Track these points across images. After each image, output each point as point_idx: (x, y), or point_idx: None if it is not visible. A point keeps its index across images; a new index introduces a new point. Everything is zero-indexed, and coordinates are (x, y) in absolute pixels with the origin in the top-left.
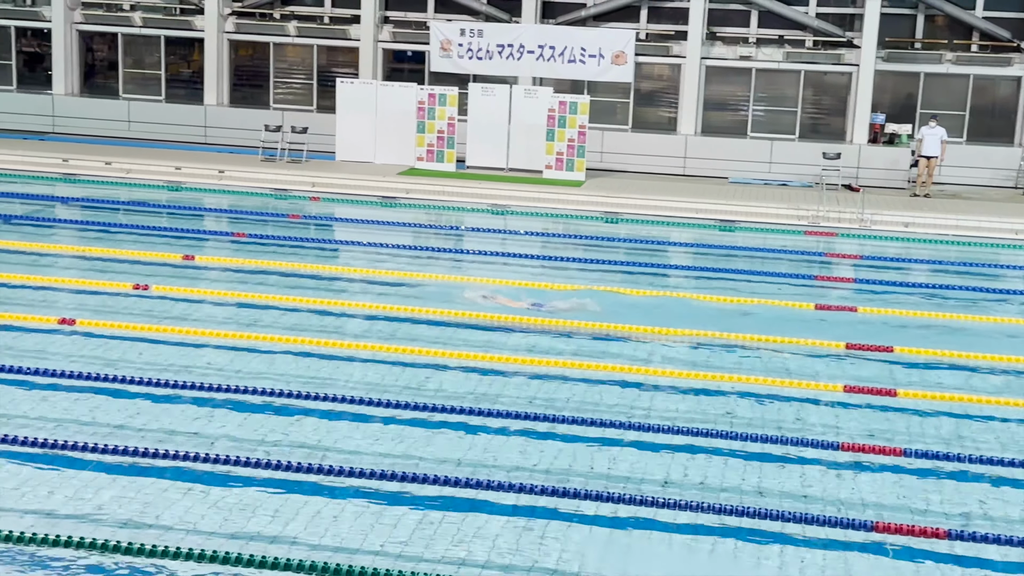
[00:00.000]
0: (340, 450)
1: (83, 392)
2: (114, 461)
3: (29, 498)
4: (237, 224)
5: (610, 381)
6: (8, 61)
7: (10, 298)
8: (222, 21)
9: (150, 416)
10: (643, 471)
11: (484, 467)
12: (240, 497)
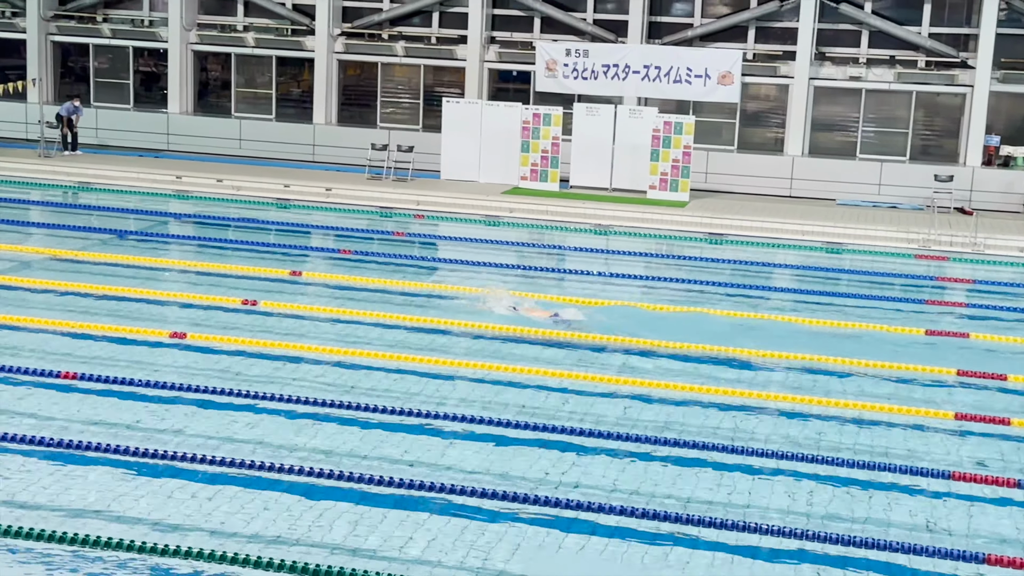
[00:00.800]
0: (445, 467)
1: (192, 404)
2: (222, 472)
3: (143, 507)
4: (343, 241)
5: (714, 404)
6: (126, 80)
7: (124, 311)
8: (332, 42)
9: (259, 429)
10: (748, 498)
11: (593, 489)
12: (349, 512)
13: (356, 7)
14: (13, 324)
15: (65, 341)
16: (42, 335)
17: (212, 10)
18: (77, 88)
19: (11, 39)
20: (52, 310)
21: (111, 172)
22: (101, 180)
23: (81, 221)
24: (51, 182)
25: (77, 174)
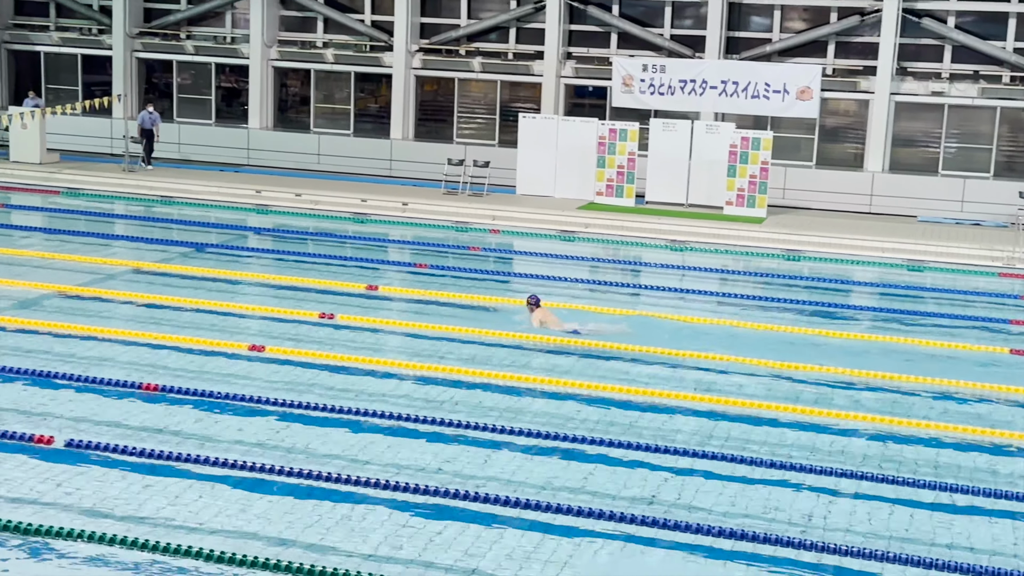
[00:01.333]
0: (519, 482)
1: (270, 416)
2: (300, 484)
3: (222, 519)
4: (419, 255)
5: (793, 424)
6: (208, 96)
7: (204, 324)
8: (410, 58)
9: (334, 442)
10: (834, 521)
11: (680, 507)
12: (433, 527)
13: (434, 23)
14: (97, 335)
15: (147, 353)
16: (125, 346)
17: (293, 27)
18: (160, 104)
19: (98, 56)
20: (135, 322)
21: (192, 186)
22: (182, 194)
23: (163, 234)
24: (134, 196)
25: (160, 188)
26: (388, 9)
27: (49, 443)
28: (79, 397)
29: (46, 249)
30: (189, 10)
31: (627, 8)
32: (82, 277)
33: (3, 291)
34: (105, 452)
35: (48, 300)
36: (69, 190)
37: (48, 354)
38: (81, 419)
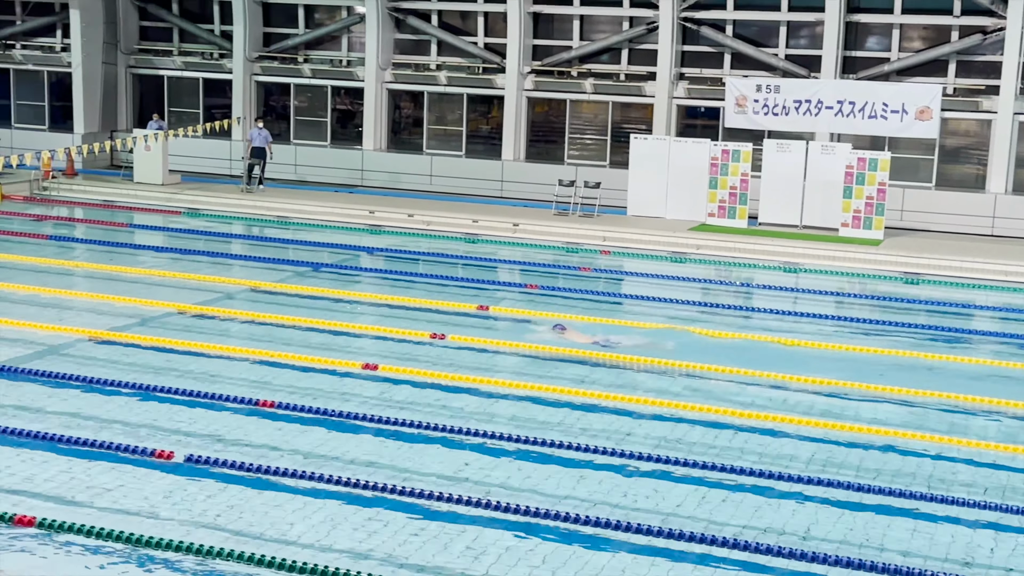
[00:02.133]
0: (630, 507)
1: (382, 436)
2: (409, 502)
3: (337, 536)
4: (529, 276)
5: (902, 450)
6: (324, 118)
7: (319, 342)
8: (522, 79)
9: (445, 462)
10: (943, 550)
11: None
12: (544, 549)
13: (546, 45)
14: (215, 352)
15: (263, 370)
16: (242, 364)
17: (407, 50)
18: (277, 126)
19: (218, 79)
20: (252, 340)
21: (307, 206)
22: (298, 214)
23: (279, 254)
24: (252, 216)
25: (276, 208)
26: (501, 31)
27: (169, 458)
28: (198, 413)
29: (167, 268)
30: (307, 34)
31: (741, 28)
32: (201, 296)
33: (126, 309)
34: (223, 467)
35: (169, 318)
36: (189, 210)
37: (168, 370)
38: (200, 435)
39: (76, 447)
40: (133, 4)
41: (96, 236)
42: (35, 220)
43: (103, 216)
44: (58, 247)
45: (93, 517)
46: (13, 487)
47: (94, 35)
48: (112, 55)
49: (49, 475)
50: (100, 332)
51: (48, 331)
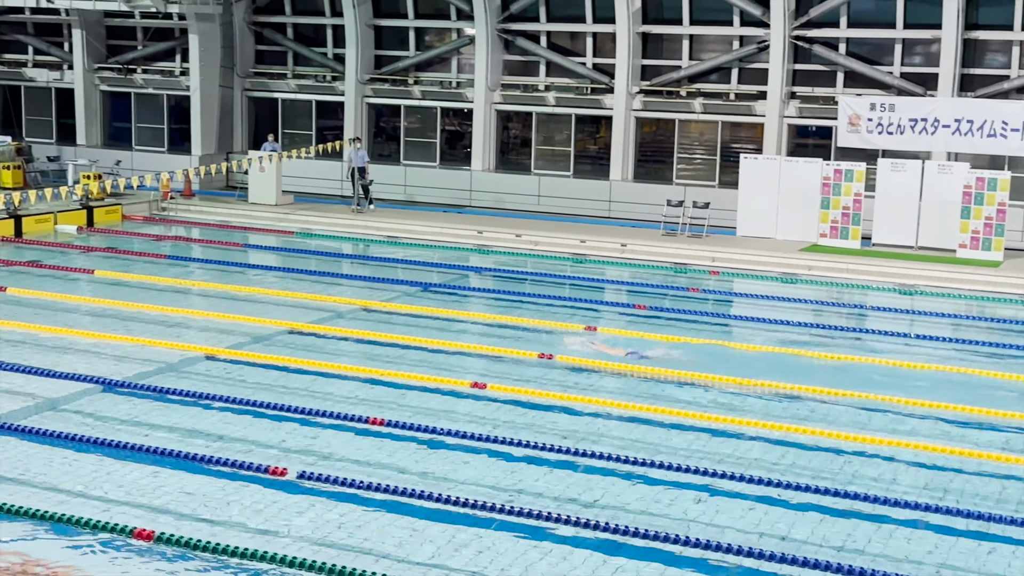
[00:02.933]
0: (760, 533)
1: (489, 454)
2: (515, 521)
3: (446, 555)
4: (637, 296)
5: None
6: (433, 139)
7: (427, 361)
8: (630, 99)
9: (551, 481)
10: None
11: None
12: (648, 572)
13: (655, 65)
14: (327, 371)
15: (373, 388)
16: (352, 382)
17: (515, 71)
18: (387, 147)
19: (330, 101)
20: (362, 358)
21: (416, 227)
22: (407, 234)
23: (389, 273)
24: (362, 236)
25: (386, 228)
26: (610, 52)
27: (283, 474)
28: (310, 431)
29: (280, 287)
30: (417, 56)
31: (854, 46)
32: (313, 314)
33: (240, 327)
34: (335, 485)
35: (281, 336)
36: (302, 230)
37: (281, 388)
38: (312, 452)
39: (192, 463)
40: (249, 29)
41: (211, 256)
42: (153, 240)
43: (218, 236)
44: (175, 266)
45: (209, 532)
46: (132, 501)
47: (212, 59)
48: (229, 79)
49: (166, 490)
50: (215, 349)
51: (164, 348)
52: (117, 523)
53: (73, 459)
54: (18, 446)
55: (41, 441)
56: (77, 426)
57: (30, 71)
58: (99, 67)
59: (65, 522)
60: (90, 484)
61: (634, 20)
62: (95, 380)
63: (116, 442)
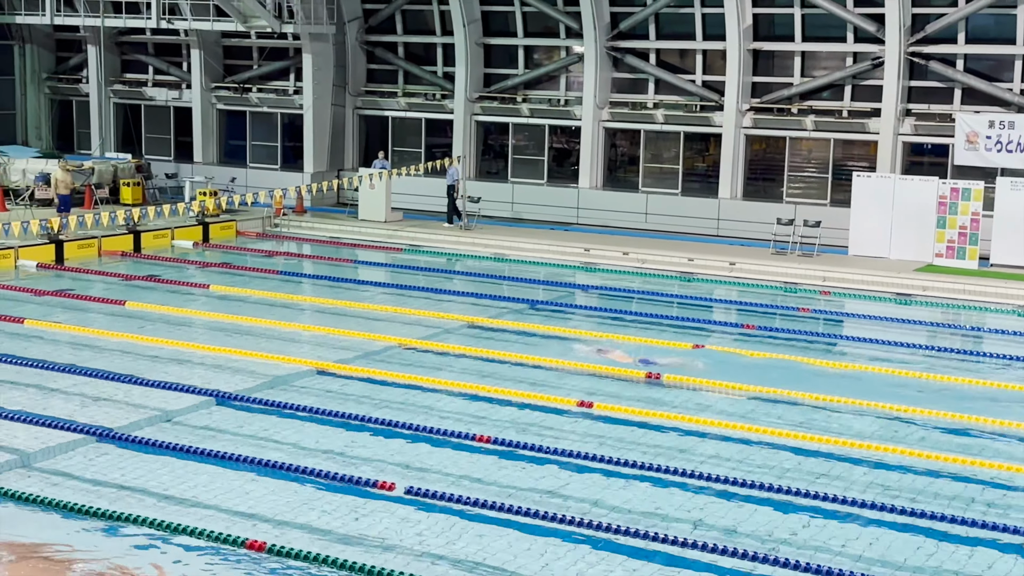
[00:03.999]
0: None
1: (595, 473)
2: (619, 541)
3: (552, 570)
4: (746, 316)
5: None
6: (541, 157)
7: (534, 378)
8: (740, 117)
9: (657, 501)
10: None
11: None
12: None
13: (766, 82)
14: (434, 387)
15: (480, 405)
16: (459, 399)
17: (624, 88)
18: (495, 164)
19: (439, 119)
20: (469, 375)
21: (524, 244)
22: (514, 251)
23: (495, 290)
24: (470, 253)
25: (493, 246)
26: (719, 69)
27: (391, 489)
28: (418, 446)
29: (389, 303)
30: (526, 74)
31: (972, 63)
32: (421, 330)
33: (349, 342)
34: (442, 500)
35: (390, 351)
36: (410, 247)
37: (389, 403)
38: (419, 467)
39: (302, 475)
40: (362, 48)
41: (322, 271)
42: (266, 255)
43: (329, 252)
44: (287, 281)
45: (319, 545)
46: (244, 511)
47: (324, 78)
48: (341, 97)
49: (276, 502)
50: (325, 364)
51: (276, 362)
52: (230, 534)
53: (186, 470)
54: (134, 457)
55: (157, 452)
56: (191, 438)
57: (150, 90)
58: (216, 86)
59: (179, 531)
60: (202, 495)
61: (745, 37)
62: (209, 393)
63: (228, 454)
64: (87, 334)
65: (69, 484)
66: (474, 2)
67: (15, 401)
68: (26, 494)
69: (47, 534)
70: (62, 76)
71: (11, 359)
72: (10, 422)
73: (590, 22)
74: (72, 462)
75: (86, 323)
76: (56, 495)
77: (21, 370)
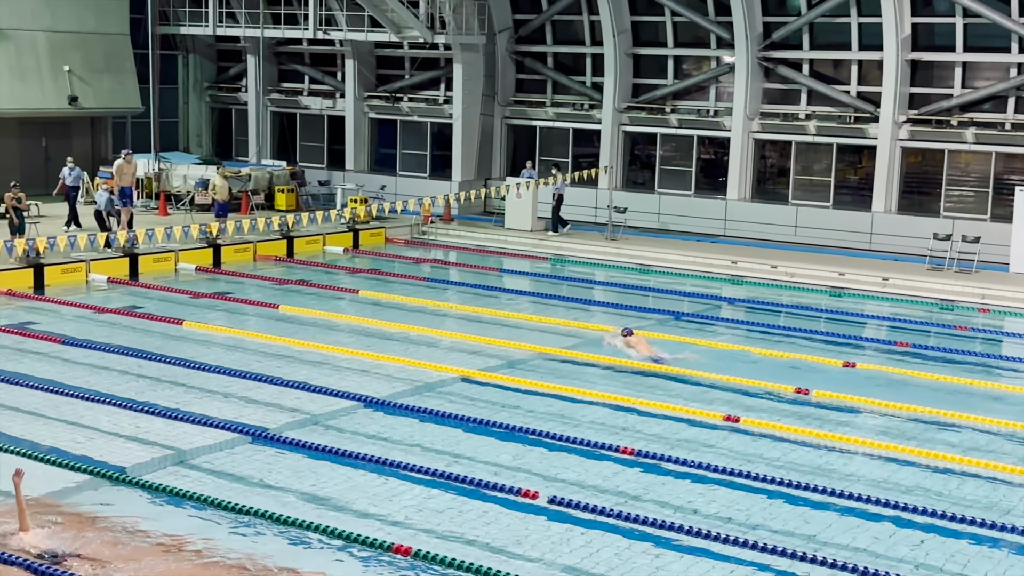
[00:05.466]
0: None
1: (739, 489)
2: (763, 560)
3: None
4: (899, 333)
5: None
6: (688, 168)
7: (678, 391)
8: (896, 128)
9: (802, 520)
10: None
11: None
12: None
13: (924, 93)
14: (577, 396)
15: (624, 416)
16: (602, 409)
17: (775, 99)
18: (642, 175)
19: (586, 129)
20: (613, 385)
21: (670, 255)
22: (660, 263)
23: (640, 302)
24: (615, 263)
25: (639, 257)
26: (875, 80)
27: (534, 498)
28: (561, 456)
29: (533, 312)
30: (675, 85)
31: None
32: (565, 340)
33: (495, 350)
34: (584, 511)
35: (534, 361)
36: (555, 256)
37: (532, 412)
38: (562, 477)
39: (446, 481)
40: (511, 58)
41: (467, 279)
42: (413, 262)
43: (475, 260)
44: (433, 288)
45: (464, 551)
46: (388, 515)
47: (474, 88)
48: (489, 107)
49: (421, 507)
50: (469, 371)
51: (421, 368)
52: (376, 537)
53: (332, 472)
54: (283, 457)
55: (305, 453)
56: (338, 440)
57: (305, 99)
58: (368, 95)
59: (323, 532)
60: (347, 497)
61: (903, 47)
62: (356, 397)
63: (374, 457)
64: (241, 336)
65: (221, 482)
66: (624, 12)
67: (173, 399)
68: (181, 490)
69: (196, 529)
70: (222, 85)
71: (169, 359)
72: (168, 420)
73: (742, 32)
74: (224, 460)
75: (240, 325)
76: (208, 491)
77: (178, 370)
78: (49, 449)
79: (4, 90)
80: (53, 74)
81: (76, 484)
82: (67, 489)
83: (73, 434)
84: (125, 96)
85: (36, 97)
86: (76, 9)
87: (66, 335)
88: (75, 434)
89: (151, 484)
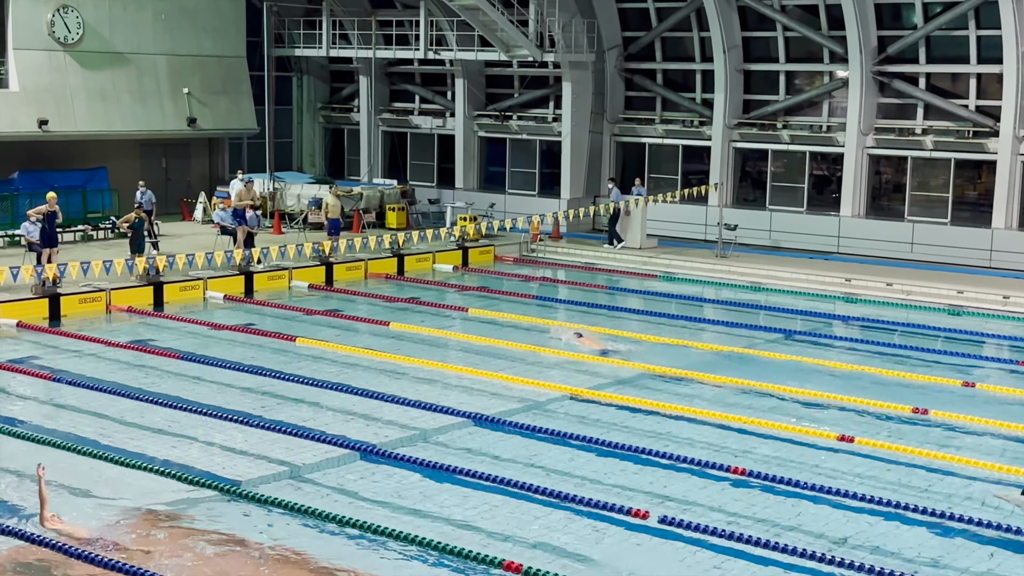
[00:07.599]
0: None
1: (852, 511)
2: None
3: None
4: (1021, 353)
5: None
6: (800, 184)
7: (789, 410)
8: (1017, 143)
9: (918, 544)
10: None
11: None
12: None
13: None
14: (685, 415)
15: (734, 436)
16: (711, 428)
17: (890, 114)
18: (753, 192)
19: (696, 146)
20: (722, 405)
21: (781, 273)
22: (772, 280)
23: (751, 319)
24: (725, 281)
25: (749, 274)
26: (995, 94)
27: (644, 517)
28: (671, 475)
29: (641, 330)
30: (787, 100)
31: None
32: (674, 359)
33: (603, 369)
34: (695, 531)
35: (643, 380)
36: (665, 274)
37: (641, 431)
38: (672, 497)
39: (555, 499)
40: (620, 76)
41: (576, 297)
42: (522, 280)
43: (583, 278)
44: (542, 306)
45: (576, 570)
46: (497, 532)
47: (583, 106)
48: (598, 124)
49: (530, 524)
50: (578, 390)
51: (530, 386)
52: (487, 554)
53: (441, 488)
54: (393, 473)
55: (414, 470)
56: (447, 457)
57: (416, 118)
58: (478, 114)
59: (432, 547)
60: (456, 513)
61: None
62: (465, 415)
63: (483, 474)
64: (353, 353)
65: (333, 496)
66: (735, 28)
67: (286, 415)
68: (296, 504)
69: (308, 543)
70: (335, 106)
71: (283, 375)
72: (282, 435)
73: (856, 46)
74: (336, 476)
75: (351, 342)
76: (321, 506)
77: (292, 386)
78: (163, 462)
79: (126, 113)
80: (173, 97)
81: (191, 497)
82: (180, 500)
83: (188, 448)
84: (241, 117)
85: (156, 119)
86: (195, 33)
87: (184, 351)
88: (190, 448)
89: (262, 497)
